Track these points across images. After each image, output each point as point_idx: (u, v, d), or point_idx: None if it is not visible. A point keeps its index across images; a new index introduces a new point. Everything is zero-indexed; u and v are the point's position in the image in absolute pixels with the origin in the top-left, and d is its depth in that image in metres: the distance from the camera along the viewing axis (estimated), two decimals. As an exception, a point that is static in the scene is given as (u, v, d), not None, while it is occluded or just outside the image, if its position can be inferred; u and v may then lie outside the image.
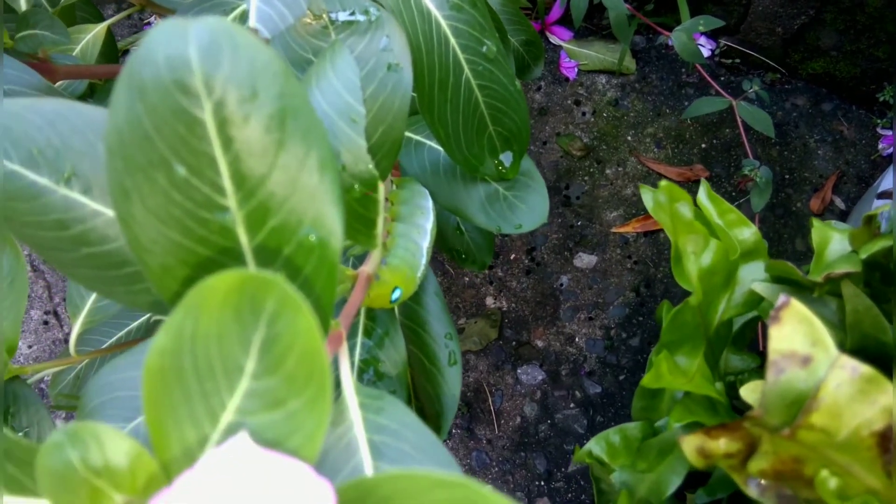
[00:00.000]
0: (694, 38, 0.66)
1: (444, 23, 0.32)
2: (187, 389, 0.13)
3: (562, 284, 0.86)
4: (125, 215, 0.14)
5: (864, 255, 0.26)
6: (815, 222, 0.29)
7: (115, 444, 0.13)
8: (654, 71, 0.94)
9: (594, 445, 0.33)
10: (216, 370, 0.13)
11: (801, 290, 0.28)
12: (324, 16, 0.27)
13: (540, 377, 0.82)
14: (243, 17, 0.28)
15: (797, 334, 0.18)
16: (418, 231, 0.30)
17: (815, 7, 0.79)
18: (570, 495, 0.75)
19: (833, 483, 0.15)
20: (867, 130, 0.89)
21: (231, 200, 0.14)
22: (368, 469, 0.16)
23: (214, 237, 0.15)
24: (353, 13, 0.29)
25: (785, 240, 0.84)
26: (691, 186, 0.89)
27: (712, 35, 0.90)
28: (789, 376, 0.17)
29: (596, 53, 0.93)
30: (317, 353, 0.12)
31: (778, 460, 0.17)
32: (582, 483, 0.76)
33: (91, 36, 0.48)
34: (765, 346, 0.38)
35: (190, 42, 0.13)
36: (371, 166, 0.22)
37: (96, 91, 0.45)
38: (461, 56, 0.33)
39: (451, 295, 0.85)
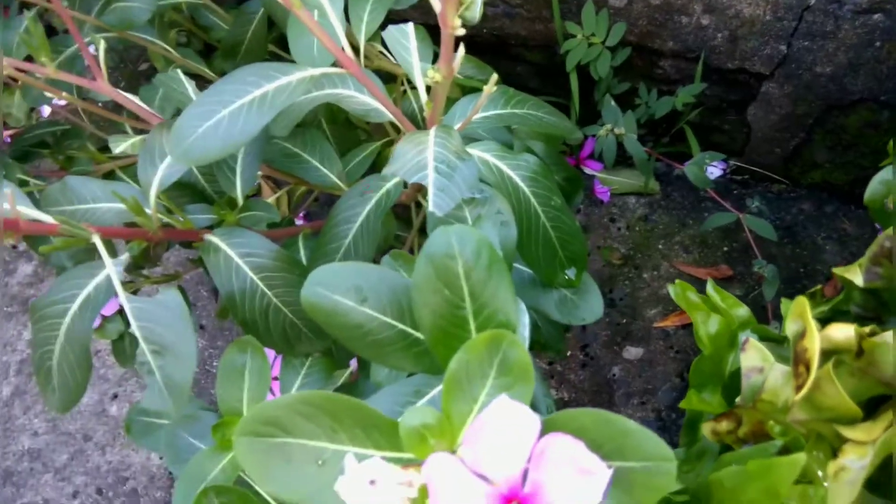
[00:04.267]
0: (708, 162, 0.84)
1: (527, 190, 0.50)
2: (462, 387, 0.29)
3: (614, 375, 1.00)
4: (419, 314, 0.31)
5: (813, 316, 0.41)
6: (783, 300, 0.44)
7: (429, 413, 0.29)
8: (676, 189, 1.12)
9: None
10: (475, 377, 0.29)
11: (777, 342, 0.43)
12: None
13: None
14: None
15: (755, 357, 0.32)
16: (522, 326, 0.46)
17: (805, 131, 0.96)
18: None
19: (777, 429, 0.29)
20: (867, 226, 1.04)
21: (468, 303, 0.31)
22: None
23: (458, 321, 0.31)
24: (473, 192, 0.47)
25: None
26: (720, 283, 1.04)
27: (722, 157, 1.08)
28: (753, 380, 0.32)
29: (625, 179, 1.11)
30: (527, 362, 0.28)
31: (751, 424, 0.32)
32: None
33: (273, 199, 0.67)
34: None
35: (452, 236, 0.30)
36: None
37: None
38: (539, 209, 0.51)
39: (521, 389, 1.00)
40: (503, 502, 0.26)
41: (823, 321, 0.42)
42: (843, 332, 0.28)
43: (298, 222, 0.90)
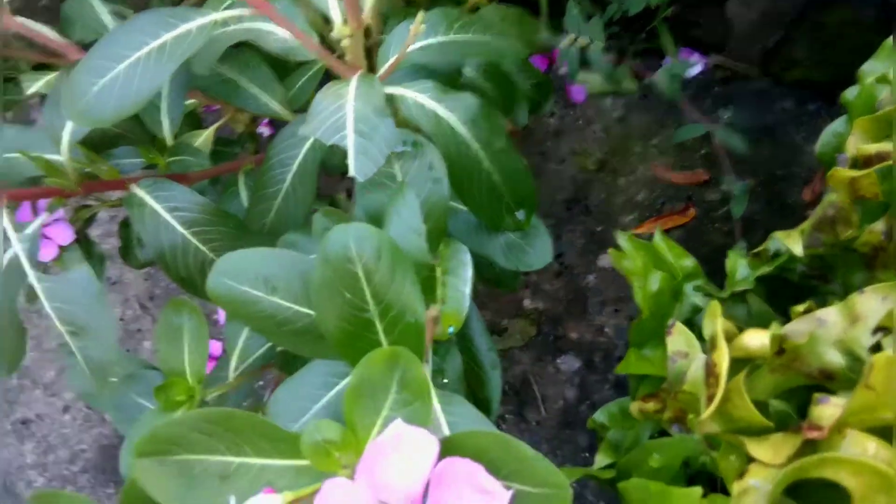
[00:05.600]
0: (680, 72, 0.79)
1: (467, 134, 0.47)
2: (365, 400, 0.28)
3: (589, 283, 1.00)
4: (321, 317, 0.29)
5: (756, 275, 0.40)
6: (730, 253, 0.42)
7: (333, 428, 0.28)
8: (654, 87, 1.06)
9: (599, 415, 0.47)
10: (378, 391, 0.27)
11: (721, 300, 0.41)
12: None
13: (577, 365, 0.96)
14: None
15: (681, 341, 0.31)
16: (462, 281, 0.45)
17: (785, 27, 0.90)
18: (607, 462, 0.89)
19: (695, 421, 0.28)
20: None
21: (371, 306, 0.29)
22: (447, 432, 0.31)
23: (363, 324, 0.30)
24: (405, 144, 0.43)
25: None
26: (696, 189, 1.01)
27: (703, 52, 1.02)
28: (678, 364, 0.31)
29: (601, 78, 1.06)
30: (424, 380, 0.26)
31: (674, 411, 0.31)
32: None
33: (202, 139, 0.63)
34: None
35: (350, 237, 0.28)
36: (430, 259, 0.37)
37: (215, 183, 0.61)
38: (481, 153, 0.48)
39: (494, 301, 1.00)
40: (401, 525, 0.26)
41: (768, 281, 0.40)
42: (757, 339, 0.26)
43: (263, 130, 0.86)
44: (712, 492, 0.33)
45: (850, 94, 0.40)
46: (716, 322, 0.26)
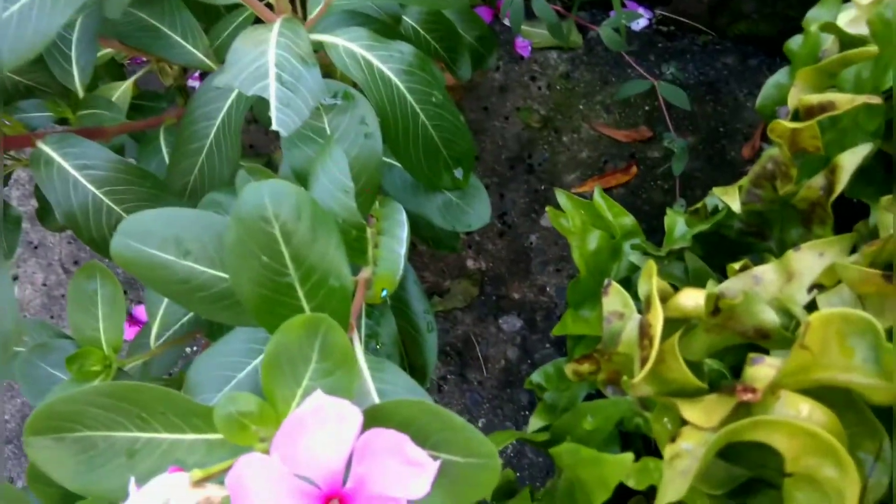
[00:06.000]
0: (626, 22, 0.77)
1: (402, 86, 0.44)
2: (283, 370, 0.26)
3: (531, 243, 0.99)
4: (237, 282, 0.27)
5: (693, 233, 0.39)
6: (668, 211, 0.41)
7: (249, 400, 0.26)
8: (600, 43, 1.05)
9: (536, 376, 0.46)
10: (297, 360, 0.26)
11: (659, 258, 0.41)
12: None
13: (519, 325, 0.96)
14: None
15: (617, 301, 0.30)
16: (397, 241, 0.43)
17: (733, -21, 0.89)
18: (549, 420, 0.90)
19: (629, 383, 0.28)
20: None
21: (291, 270, 0.27)
22: (376, 400, 0.29)
23: (283, 289, 0.27)
24: (335, 96, 0.41)
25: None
26: (639, 146, 1.01)
27: (648, 6, 1.00)
28: (613, 325, 0.30)
29: (546, 32, 1.04)
30: (347, 348, 0.24)
31: (608, 373, 0.30)
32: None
33: (121, 92, 0.59)
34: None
35: (265, 195, 0.26)
36: (360, 218, 0.35)
37: (139, 140, 0.57)
38: (417, 107, 0.45)
39: (436, 261, 0.98)
40: (323, 501, 0.24)
41: (705, 238, 0.40)
42: (692, 299, 0.25)
43: (193, 84, 0.81)
44: (647, 452, 0.33)
45: (794, 43, 0.39)
46: (651, 282, 0.25)
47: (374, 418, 0.25)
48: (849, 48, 0.36)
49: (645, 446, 0.44)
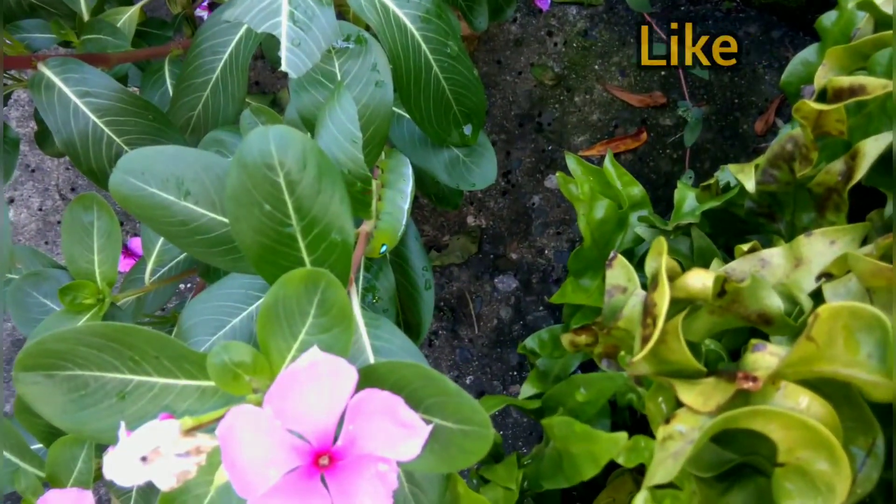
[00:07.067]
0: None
1: (417, 34, 0.43)
2: (280, 322, 0.25)
3: (534, 204, 0.98)
4: (237, 229, 0.27)
5: (703, 209, 0.38)
6: (679, 184, 0.41)
7: (244, 350, 0.26)
8: (622, 1, 1.02)
9: (530, 341, 0.46)
10: (295, 314, 0.25)
11: (665, 233, 0.40)
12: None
13: (514, 285, 0.96)
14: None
15: (621, 275, 0.30)
16: (402, 196, 0.42)
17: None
18: (538, 380, 0.91)
19: (626, 359, 0.27)
20: (810, 57, 0.98)
21: (294, 221, 0.26)
22: (372, 360, 0.29)
23: (284, 239, 0.27)
24: (347, 39, 0.39)
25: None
26: (651, 112, 0.99)
27: (674, -33, 0.97)
28: (615, 299, 0.30)
29: (567, -14, 1.00)
30: (346, 305, 0.24)
31: (605, 346, 0.30)
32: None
33: (127, 17, 0.57)
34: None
35: (271, 141, 0.25)
36: (366, 171, 0.34)
37: (143, 70, 0.55)
38: (431, 57, 0.44)
39: (437, 215, 0.98)
40: (313, 457, 0.24)
41: (713, 214, 0.39)
42: (700, 280, 0.25)
43: (201, 14, 0.79)
44: (632, 424, 0.33)
45: (828, 19, 0.37)
46: (660, 260, 0.25)
47: (368, 378, 0.25)
48: (883, 29, 0.34)
49: (631, 416, 0.44)
